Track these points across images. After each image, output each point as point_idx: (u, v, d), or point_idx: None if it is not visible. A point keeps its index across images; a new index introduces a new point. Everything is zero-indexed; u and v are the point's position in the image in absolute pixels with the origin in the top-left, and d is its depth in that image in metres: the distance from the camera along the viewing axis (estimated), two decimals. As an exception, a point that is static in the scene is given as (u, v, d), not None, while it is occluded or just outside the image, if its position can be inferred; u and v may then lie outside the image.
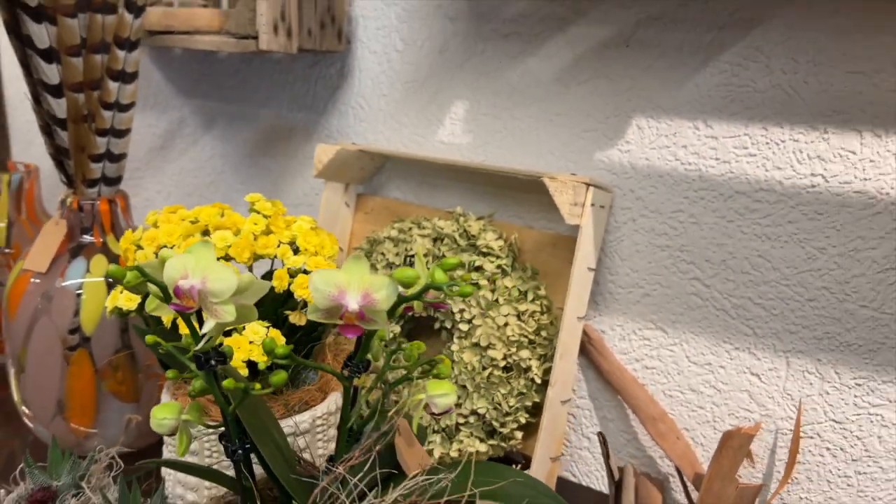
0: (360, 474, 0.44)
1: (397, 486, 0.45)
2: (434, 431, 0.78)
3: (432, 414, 0.46)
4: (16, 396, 0.79)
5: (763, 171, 0.67)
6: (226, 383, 0.38)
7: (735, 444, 0.68)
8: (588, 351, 0.80)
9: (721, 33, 0.67)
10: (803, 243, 0.67)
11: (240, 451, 0.43)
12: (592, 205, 0.71)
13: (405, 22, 0.84)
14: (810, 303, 0.67)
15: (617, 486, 0.68)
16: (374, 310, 0.39)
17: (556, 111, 0.77)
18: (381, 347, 0.49)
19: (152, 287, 0.38)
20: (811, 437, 0.70)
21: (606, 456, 0.68)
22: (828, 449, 0.69)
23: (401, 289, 0.42)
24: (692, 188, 0.71)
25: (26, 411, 0.78)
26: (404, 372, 0.48)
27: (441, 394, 0.45)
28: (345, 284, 0.38)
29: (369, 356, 0.46)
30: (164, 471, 0.64)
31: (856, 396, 0.67)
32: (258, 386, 0.40)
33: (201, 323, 0.38)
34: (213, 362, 0.40)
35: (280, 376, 0.39)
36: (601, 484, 0.82)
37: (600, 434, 0.69)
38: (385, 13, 0.86)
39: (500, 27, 0.78)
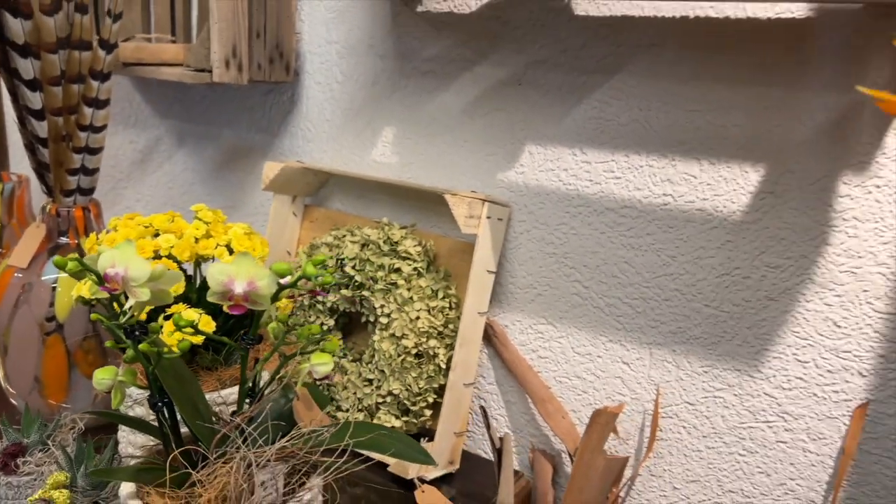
0: (254, 425, 0.57)
1: (285, 437, 0.58)
2: (358, 410, 0.91)
3: (315, 380, 0.59)
4: (0, 374, 0.92)
5: (626, 191, 0.80)
6: (142, 346, 0.51)
7: (602, 421, 0.81)
8: (494, 343, 0.93)
9: (591, 77, 0.80)
10: (659, 252, 0.79)
11: (159, 404, 0.55)
12: (489, 217, 0.84)
13: (344, 58, 0.98)
14: (666, 302, 0.80)
15: (498, 452, 0.80)
16: (258, 294, 0.52)
17: (465, 138, 0.90)
18: (282, 328, 0.61)
19: (90, 275, 0.51)
20: (670, 417, 0.82)
21: (488, 427, 0.81)
22: (683, 427, 0.82)
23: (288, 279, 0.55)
24: (572, 204, 0.84)
25: (9, 388, 0.92)
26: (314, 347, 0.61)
27: (320, 363, 0.58)
28: (234, 274, 0.51)
29: (272, 335, 0.59)
30: (119, 434, 0.77)
31: (703, 382, 0.79)
32: (167, 350, 0.52)
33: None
34: (137, 333, 0.53)
35: (185, 344, 0.52)
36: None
37: (482, 408, 0.82)
38: (327, 50, 0.99)
39: (420, 66, 0.92)
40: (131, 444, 0.75)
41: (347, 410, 0.91)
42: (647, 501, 0.85)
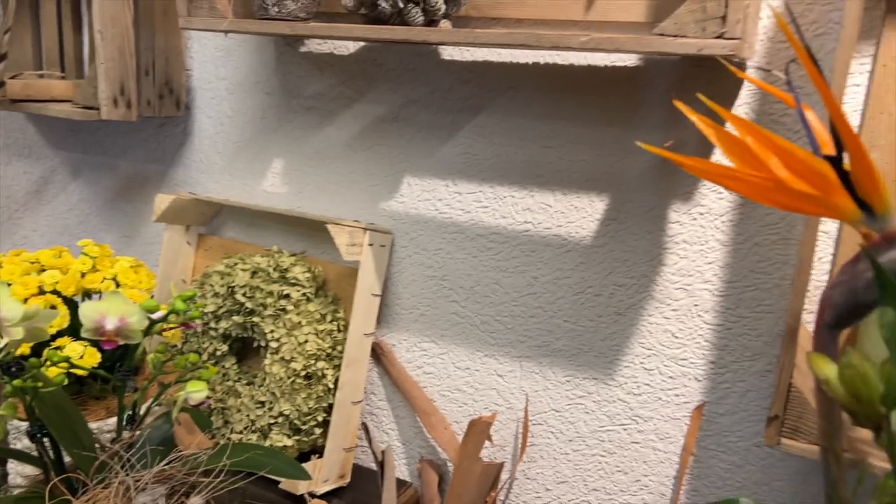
0: (133, 451, 0.60)
1: (163, 460, 0.62)
2: (252, 431, 0.95)
3: (193, 406, 0.63)
4: None
5: (493, 219, 0.88)
6: (15, 382, 0.55)
7: (477, 431, 0.87)
8: (382, 361, 0.99)
9: (458, 115, 0.87)
10: (523, 273, 0.87)
11: (37, 435, 0.59)
12: (371, 244, 0.90)
13: (233, 94, 1.02)
14: (531, 318, 0.88)
15: (381, 465, 0.86)
16: (130, 329, 0.57)
17: (349, 170, 0.96)
18: (160, 358, 0.65)
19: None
20: (540, 424, 0.90)
21: (370, 442, 0.87)
22: (552, 432, 0.89)
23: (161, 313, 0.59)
24: (448, 231, 0.91)
25: None
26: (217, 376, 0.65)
27: (195, 390, 0.62)
28: (105, 311, 0.55)
29: (150, 365, 0.63)
30: (9, 465, 0.79)
31: (567, 390, 0.88)
32: (42, 384, 0.56)
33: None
34: (13, 369, 0.56)
35: (60, 378, 0.56)
36: (400, 472, 1.00)
37: (364, 424, 0.88)
38: (217, 86, 1.03)
39: (304, 102, 0.97)
40: (20, 474, 0.77)
41: (241, 432, 0.95)
42: (524, 503, 0.92)
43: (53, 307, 0.75)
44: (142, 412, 0.65)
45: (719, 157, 0.74)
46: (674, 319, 0.80)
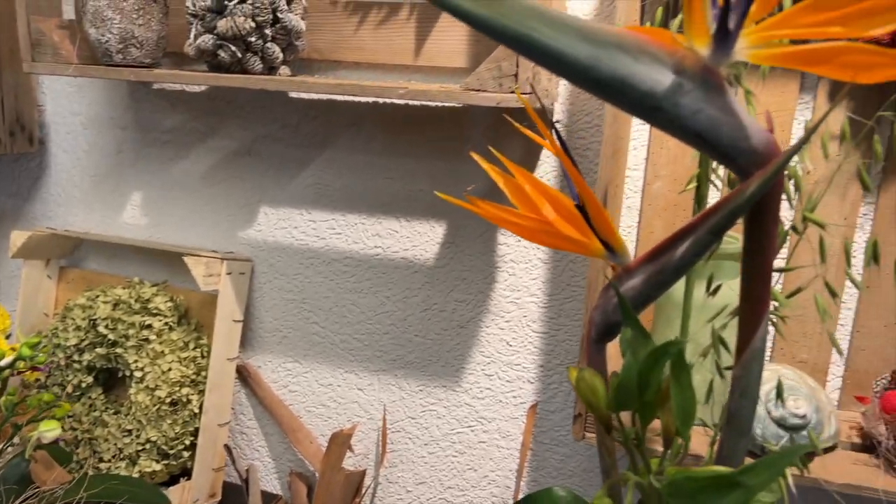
0: (-14, 491, 0.63)
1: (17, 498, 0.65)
2: (120, 459, 0.97)
3: (42, 445, 0.66)
4: None
5: (346, 244, 0.94)
6: None
7: (338, 442, 0.94)
8: (249, 383, 1.03)
9: (307, 150, 0.93)
10: (376, 294, 0.94)
11: None
12: (229, 273, 0.94)
13: (88, 129, 1.04)
14: (385, 335, 0.95)
15: (246, 482, 0.91)
16: (-25, 378, 0.59)
17: (206, 201, 1.00)
18: (12, 401, 0.68)
19: None
20: (398, 431, 0.97)
21: (233, 462, 0.92)
22: (409, 438, 0.97)
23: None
24: (305, 257, 0.97)
25: None
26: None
27: (48, 430, 0.66)
28: (-52, 364, 0.58)
29: (3, 407, 0.65)
30: None
31: (420, 398, 0.95)
32: None
33: None
34: None
35: None
36: (272, 486, 1.05)
37: (226, 447, 0.92)
38: (72, 121, 1.04)
39: (160, 136, 1.00)
40: None
41: (110, 460, 0.97)
42: (382, 501, 1.00)
43: None
44: (-5, 454, 0.67)
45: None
46: (508, 330, 0.90)
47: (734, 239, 0.71)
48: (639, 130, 0.79)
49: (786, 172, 0.59)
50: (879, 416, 0.66)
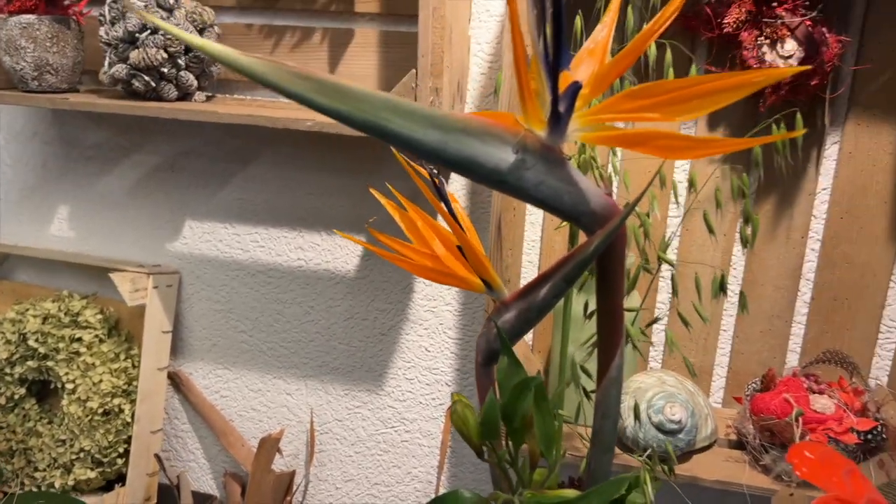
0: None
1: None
2: (55, 468, 1.00)
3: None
4: None
5: (270, 256, 0.98)
6: None
7: (267, 446, 0.98)
8: (182, 389, 1.07)
9: (229, 165, 0.96)
10: (301, 304, 0.98)
11: None
12: (156, 287, 0.97)
13: (10, 143, 1.04)
14: (311, 343, 0.99)
15: (177, 487, 0.95)
16: None
17: (134, 215, 1.02)
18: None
19: None
20: (326, 433, 1.02)
21: (163, 469, 0.95)
22: (337, 439, 1.02)
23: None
24: (231, 269, 1.00)
25: None
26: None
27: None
28: None
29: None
30: None
31: (346, 402, 1.00)
32: None
33: None
34: None
35: None
36: (207, 486, 1.09)
37: (156, 455, 0.96)
38: (-7, 135, 1.05)
39: (85, 151, 1.02)
40: None
41: (45, 469, 1.00)
42: (319, 502, 1.05)
43: None
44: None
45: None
46: (426, 336, 0.94)
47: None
48: (540, 151, 0.84)
49: (639, 222, 0.64)
50: (748, 416, 0.73)
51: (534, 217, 0.86)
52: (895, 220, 0.74)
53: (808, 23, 0.65)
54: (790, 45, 0.66)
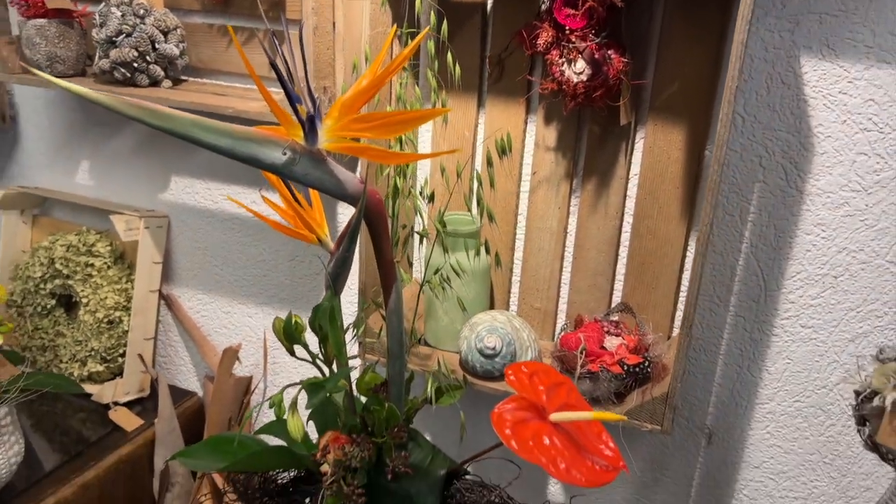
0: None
1: (-24, 382, 0.98)
2: (74, 361, 1.31)
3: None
4: None
5: (233, 208, 1.23)
6: None
7: (228, 356, 1.26)
8: (172, 308, 1.35)
9: (202, 134, 1.21)
10: (256, 246, 1.24)
11: None
12: (147, 227, 1.25)
13: (47, 108, 1.33)
14: (265, 277, 1.25)
15: (155, 380, 1.24)
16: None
17: (136, 169, 1.30)
18: (-27, 319, 1.00)
19: None
20: (278, 349, 1.29)
21: (146, 367, 1.24)
22: (284, 354, 1.28)
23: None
24: (205, 216, 1.26)
25: None
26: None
27: (-6, 339, 0.98)
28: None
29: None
30: None
31: (292, 325, 1.26)
32: None
33: None
34: None
35: None
36: (193, 386, 1.39)
37: (139, 355, 1.25)
38: (34, 103, 1.34)
39: (100, 118, 1.29)
40: None
41: (67, 362, 1.31)
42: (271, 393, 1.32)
43: None
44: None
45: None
46: (348, 277, 1.18)
47: (469, 222, 0.97)
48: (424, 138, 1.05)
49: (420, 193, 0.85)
50: (558, 351, 0.95)
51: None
52: (686, 201, 0.92)
53: (594, 47, 0.84)
54: (580, 65, 0.84)
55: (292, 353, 0.77)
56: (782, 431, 0.97)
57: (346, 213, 1.14)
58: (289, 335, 0.75)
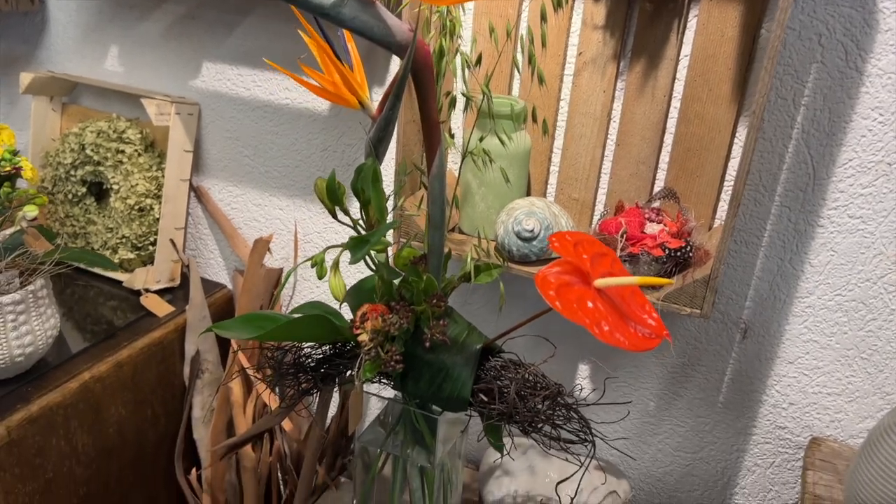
0: (-8, 246, 0.97)
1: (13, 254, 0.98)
2: (105, 248, 1.31)
3: (29, 220, 0.99)
4: None
5: (265, 95, 1.21)
6: None
7: (259, 246, 1.26)
8: (202, 200, 1.35)
9: (235, 16, 1.18)
10: (288, 136, 1.22)
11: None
12: (178, 113, 1.23)
13: (75, -9, 1.30)
14: (297, 168, 1.24)
15: (187, 267, 1.24)
16: (-24, 170, 0.91)
17: (166, 55, 1.27)
18: (7, 192, 1.00)
19: None
20: (308, 242, 1.28)
21: (178, 252, 1.25)
22: (314, 247, 1.28)
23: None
24: (237, 104, 1.24)
25: None
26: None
27: (28, 211, 0.98)
28: (-43, 159, 0.89)
29: (2, 195, 0.98)
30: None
31: (322, 218, 1.25)
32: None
33: None
34: None
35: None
36: (222, 279, 1.39)
37: (171, 240, 1.25)
38: (62, -16, 1.31)
39: (129, 1, 1.26)
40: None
41: (98, 250, 1.31)
42: (299, 293, 1.33)
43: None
44: (-3, 225, 1.00)
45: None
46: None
47: (506, 104, 0.95)
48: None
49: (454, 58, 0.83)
50: (597, 235, 0.93)
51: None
52: (737, 84, 0.89)
53: None
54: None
55: (333, 215, 0.76)
56: (820, 326, 0.96)
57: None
58: (331, 194, 0.73)
